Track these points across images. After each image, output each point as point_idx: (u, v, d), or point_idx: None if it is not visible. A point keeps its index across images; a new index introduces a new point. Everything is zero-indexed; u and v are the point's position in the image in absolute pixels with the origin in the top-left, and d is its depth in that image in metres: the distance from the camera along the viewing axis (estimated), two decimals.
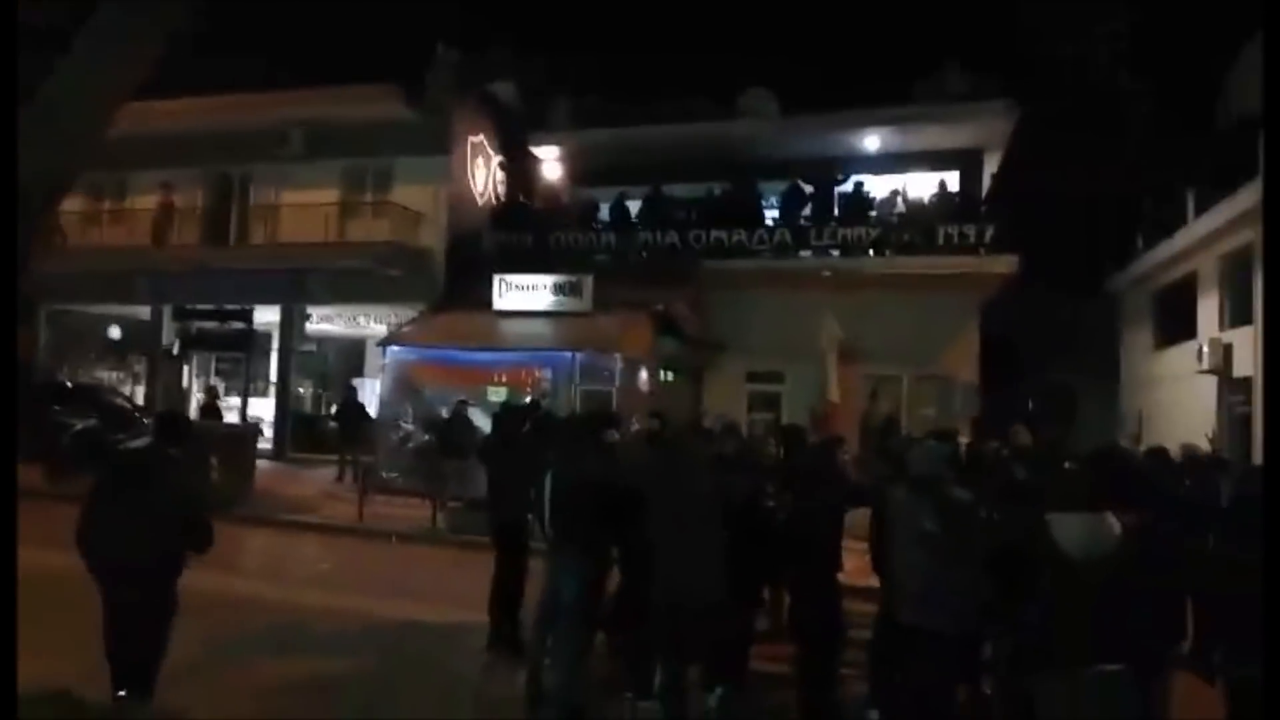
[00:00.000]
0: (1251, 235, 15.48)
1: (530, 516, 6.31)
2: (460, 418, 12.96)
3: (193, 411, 18.30)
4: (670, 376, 16.44)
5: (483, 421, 12.37)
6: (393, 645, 6.99)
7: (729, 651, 5.35)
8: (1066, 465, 6.07)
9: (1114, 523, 3.65)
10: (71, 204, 19.75)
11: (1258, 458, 12.94)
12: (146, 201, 20.13)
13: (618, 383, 14.04)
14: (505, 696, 5.86)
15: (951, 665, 4.68)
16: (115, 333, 22.15)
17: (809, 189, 17.21)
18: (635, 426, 13.61)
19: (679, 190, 18.15)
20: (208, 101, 18.78)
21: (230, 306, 19.19)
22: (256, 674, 6.13)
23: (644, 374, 15.02)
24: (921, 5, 25.78)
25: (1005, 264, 15.35)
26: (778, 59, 24.20)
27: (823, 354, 14.96)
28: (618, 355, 14.16)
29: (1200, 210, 17.50)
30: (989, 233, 15.55)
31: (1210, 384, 16.59)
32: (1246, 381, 15.34)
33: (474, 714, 5.85)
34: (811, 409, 14.96)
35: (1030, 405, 20.66)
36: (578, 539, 5.48)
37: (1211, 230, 16.88)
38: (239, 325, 18.99)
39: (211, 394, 17.04)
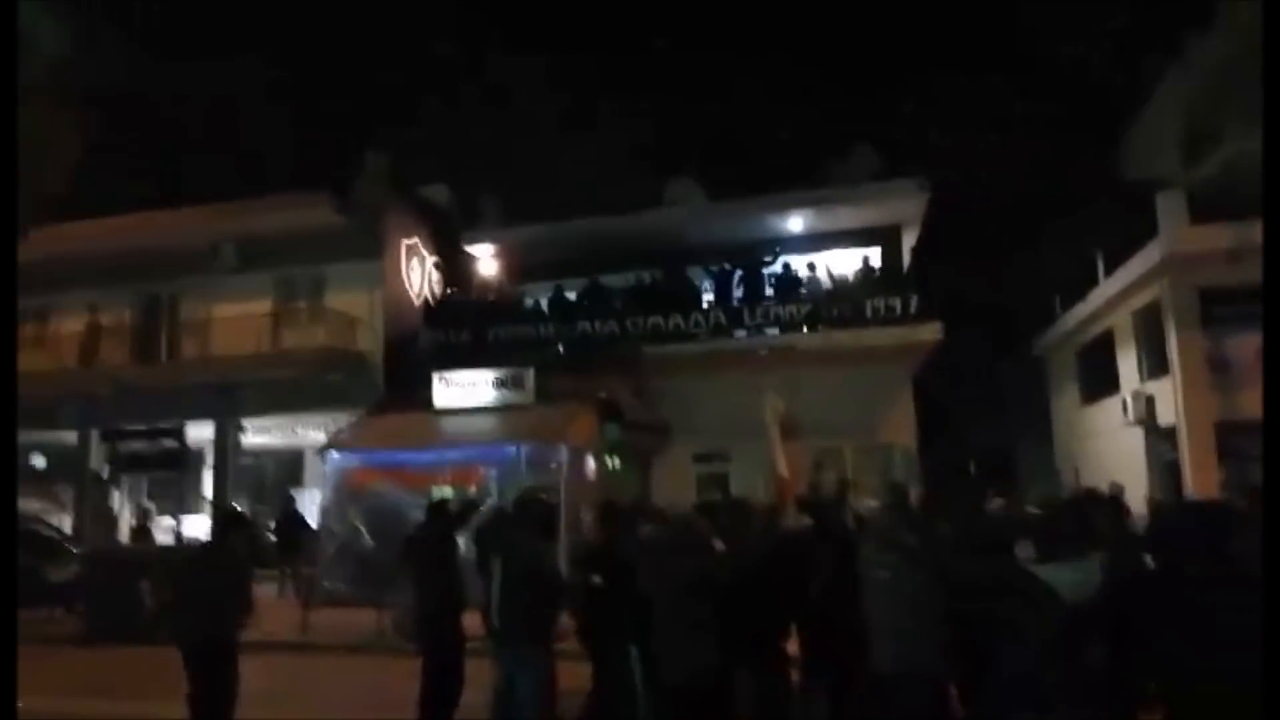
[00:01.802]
0: (1159, 291, 16.32)
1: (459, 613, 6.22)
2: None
3: (124, 536, 17.62)
4: (617, 463, 16.40)
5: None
6: None
7: None
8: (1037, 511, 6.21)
9: (1098, 568, 3.76)
10: None
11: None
12: (71, 324, 19.72)
13: (565, 473, 13.94)
14: None
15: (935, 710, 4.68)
16: (40, 461, 21.34)
17: (739, 271, 17.68)
18: (586, 517, 13.59)
19: (613, 280, 18.47)
20: (134, 220, 18.77)
21: (162, 425, 18.68)
22: None
23: (590, 463, 14.97)
24: (829, 87, 27.15)
25: (931, 332, 15.87)
26: (700, 146, 25.08)
27: (767, 428, 15.08)
28: (563, 446, 14.10)
29: (1110, 270, 18.41)
30: (914, 303, 16.09)
31: (1137, 436, 17.18)
32: (1171, 431, 15.93)
33: None
34: (764, 485, 15.01)
35: (971, 468, 21.05)
36: (537, 632, 5.39)
37: (1122, 288, 17.75)
38: (171, 444, 18.43)
39: (142, 516, 16.41)
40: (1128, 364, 18.22)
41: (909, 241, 18.90)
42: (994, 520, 6.28)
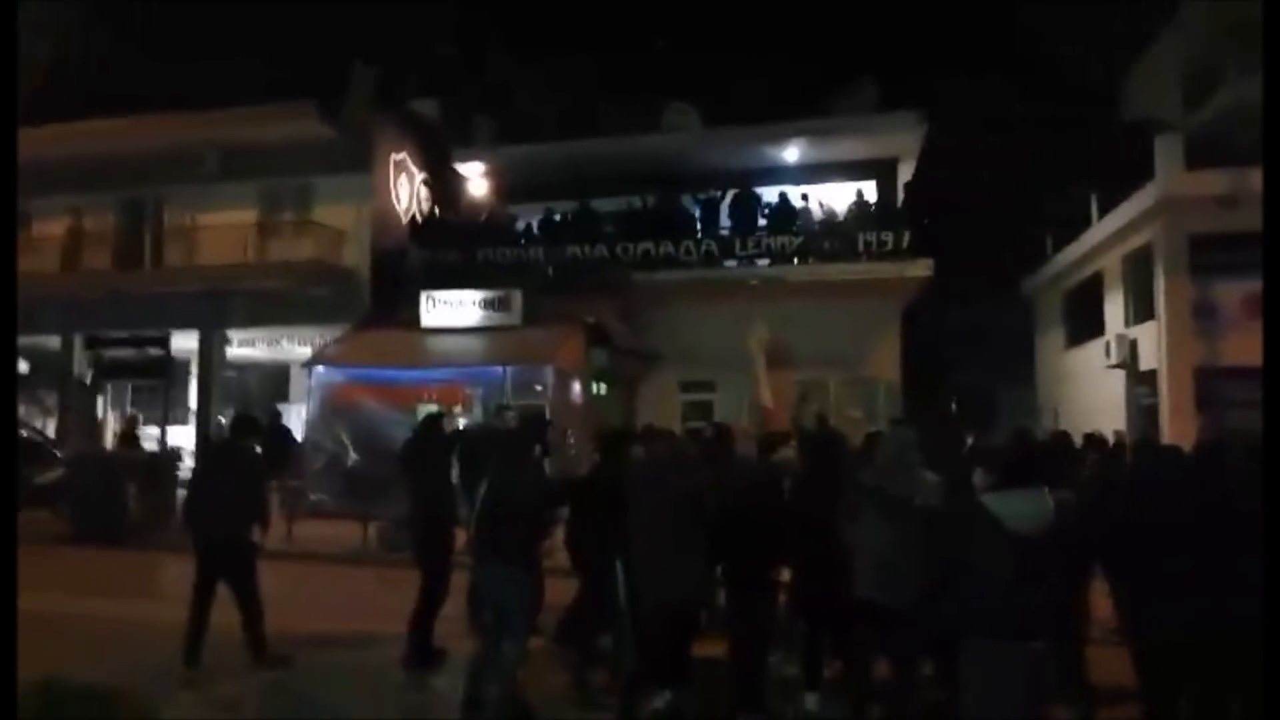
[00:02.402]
0: (1151, 235, 16.30)
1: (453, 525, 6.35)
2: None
3: (109, 442, 17.68)
4: (603, 388, 16.49)
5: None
6: (315, 660, 6.87)
7: (681, 651, 5.40)
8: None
9: (1048, 498, 3.82)
10: None
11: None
12: (54, 228, 19.39)
13: (550, 396, 14.02)
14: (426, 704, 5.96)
15: (908, 637, 4.88)
16: (23, 367, 21.21)
17: (731, 200, 17.53)
18: (571, 439, 13.72)
19: (605, 204, 18.27)
20: (118, 123, 18.31)
21: (146, 333, 18.54)
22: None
23: (576, 387, 15.04)
24: (835, 19, 26.55)
25: (922, 268, 15.84)
26: (700, 73, 24.56)
27: (752, 358, 15.18)
28: (549, 368, 14.15)
29: (1103, 212, 18.36)
30: (906, 239, 16.02)
31: (1119, 378, 17.37)
32: (1152, 374, 16.11)
33: None
34: (747, 414, 15.16)
35: (953, 405, 21.28)
36: (526, 546, 5.46)
37: (1114, 231, 17.72)
38: (155, 352, 18.32)
39: (130, 423, 16.43)
40: (1114, 308, 18.31)
41: (904, 176, 18.73)
42: (965, 457, 6.37)
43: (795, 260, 16.55)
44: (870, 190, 17.75)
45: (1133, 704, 4.49)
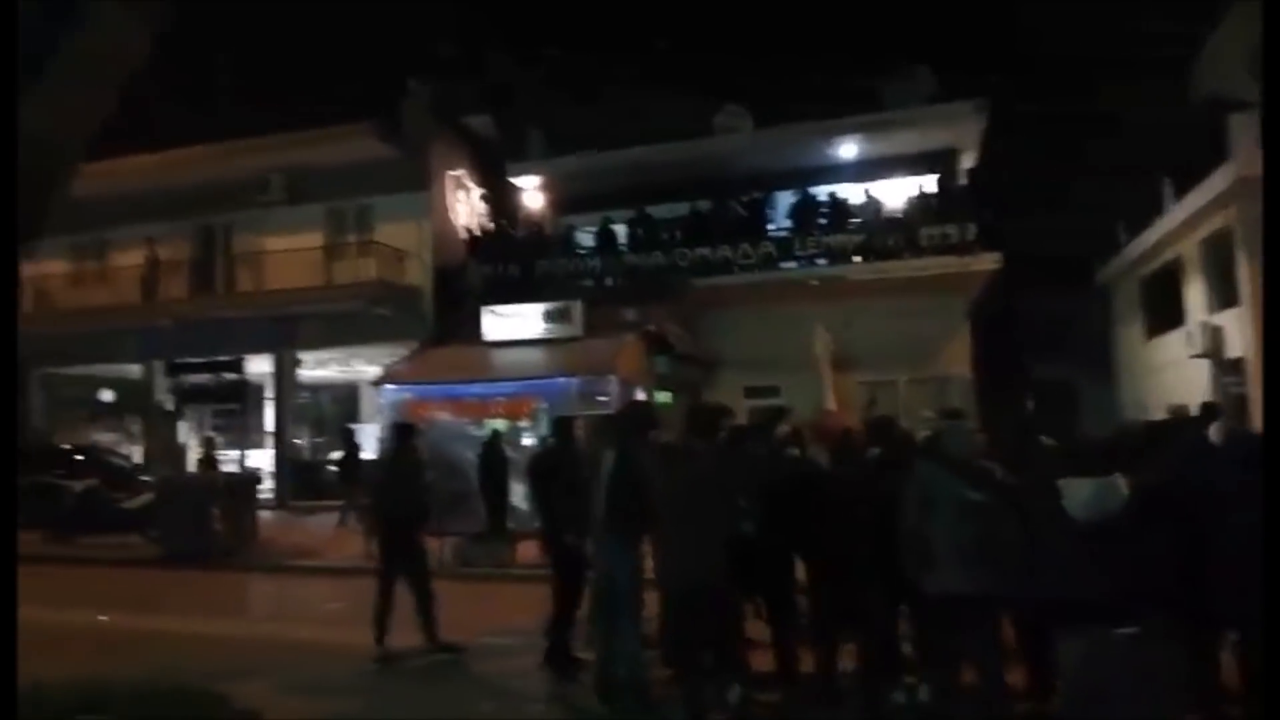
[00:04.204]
0: (1230, 216, 15.67)
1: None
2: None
3: (190, 465, 18.24)
4: (667, 396, 16.46)
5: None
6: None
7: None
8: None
9: (1121, 484, 3.73)
10: (56, 266, 19.77)
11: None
12: (131, 258, 20.14)
13: (615, 406, 14.03)
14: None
15: (991, 628, 4.83)
16: (108, 395, 22.09)
17: (789, 201, 17.35)
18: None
19: (661, 210, 18.24)
20: (186, 153, 18.95)
21: (222, 358, 19.15)
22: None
23: (640, 395, 15.03)
24: (886, 8, 26.12)
25: (990, 262, 15.46)
26: (750, 73, 24.42)
27: (817, 363, 15.03)
28: (613, 378, 14.18)
29: (1178, 196, 17.71)
30: (971, 232, 15.66)
31: (1203, 368, 16.71)
32: (1238, 363, 15.46)
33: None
34: (811, 419, 14.98)
35: (1029, 402, 20.71)
36: (636, 525, 5.64)
37: (1190, 215, 17.08)
38: (232, 376, 18.96)
39: (209, 446, 16.95)
40: (1195, 295, 17.63)
41: (966, 167, 18.30)
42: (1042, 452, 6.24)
43: (856, 258, 16.30)
44: (931, 184, 17.41)
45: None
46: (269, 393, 19.70)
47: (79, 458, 16.60)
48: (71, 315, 19.46)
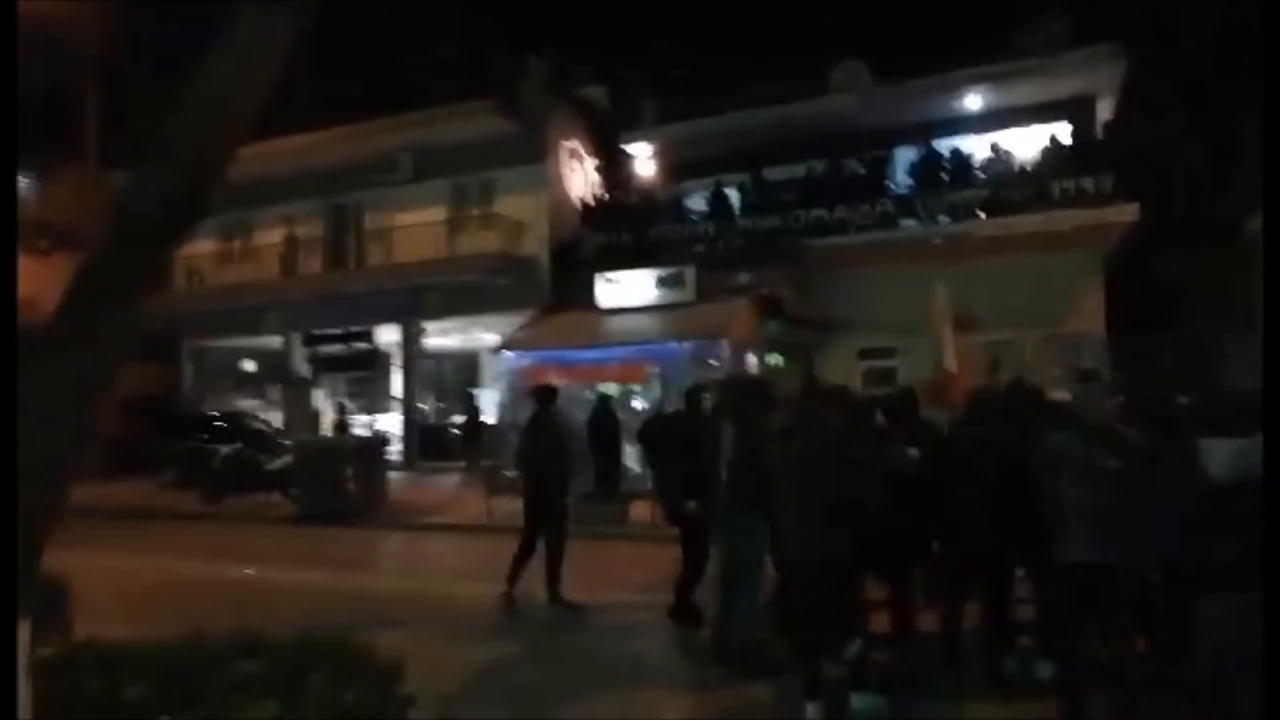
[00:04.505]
0: None
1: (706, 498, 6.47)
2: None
3: (325, 430, 19.30)
4: (781, 360, 16.29)
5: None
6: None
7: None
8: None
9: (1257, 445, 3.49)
10: (204, 246, 21.17)
11: None
12: (270, 237, 21.38)
13: (728, 369, 14.00)
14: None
15: (1125, 597, 4.67)
16: (250, 366, 23.61)
17: (910, 157, 16.75)
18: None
19: (776, 173, 17.94)
20: (319, 136, 19.84)
21: (353, 329, 20.16)
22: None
23: (753, 359, 14.93)
24: None
25: (1127, 214, 14.53)
26: (866, 25, 23.57)
27: (936, 323, 14.49)
28: (725, 342, 14.14)
29: None
30: (1107, 183, 14.74)
31: None
32: None
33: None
34: (929, 380, 14.53)
35: (1168, 359, 19.44)
36: (757, 498, 5.66)
37: None
38: (363, 346, 19.92)
39: (342, 412, 17.94)
40: None
41: (1103, 115, 17.19)
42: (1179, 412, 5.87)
43: (982, 214, 15.61)
44: (1064, 133, 16.45)
45: None
46: (396, 360, 20.60)
47: (225, 424, 17.83)
48: (218, 292, 20.85)
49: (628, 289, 16.35)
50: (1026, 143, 16.43)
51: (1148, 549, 4.60)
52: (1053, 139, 16.04)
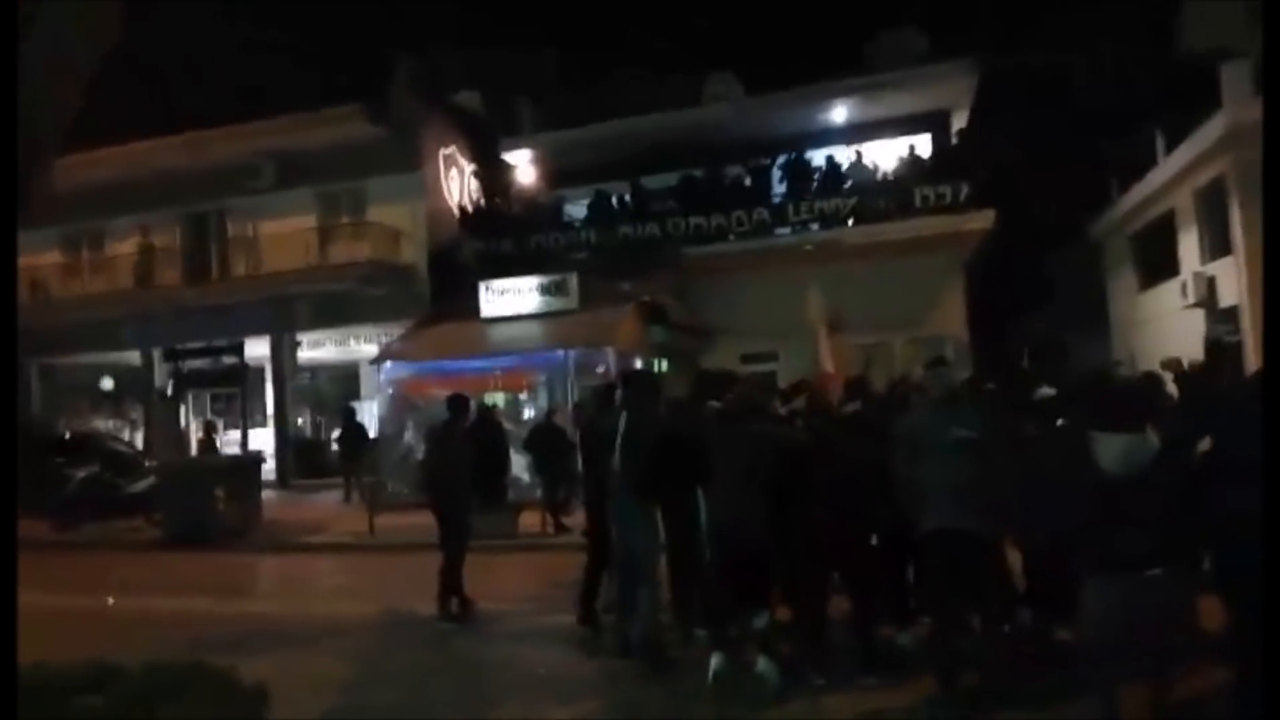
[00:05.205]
0: (1223, 166, 15.63)
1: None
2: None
3: (192, 449, 18.33)
4: (664, 365, 16.50)
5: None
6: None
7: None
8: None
9: (1153, 439, 3.78)
10: (50, 257, 19.76)
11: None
12: (125, 247, 20.13)
13: (612, 377, 14.06)
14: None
15: (985, 564, 4.93)
16: (107, 384, 22.15)
17: (781, 167, 17.30)
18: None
19: (654, 181, 18.19)
20: (176, 140, 18.84)
21: (219, 342, 19.14)
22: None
23: (638, 365, 15.06)
24: None
25: (983, 220, 15.45)
26: (738, 40, 24.21)
27: (813, 327, 15.01)
28: (609, 349, 14.22)
29: (1170, 147, 17.64)
30: (964, 191, 15.63)
31: (1197, 318, 16.74)
32: (1232, 311, 15.49)
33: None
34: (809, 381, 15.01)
35: (1024, 358, 20.75)
36: (651, 491, 5.72)
37: (1183, 166, 17.03)
38: (231, 360, 18.92)
39: (209, 429, 17.05)
40: (1188, 246, 17.61)
41: (958, 126, 18.22)
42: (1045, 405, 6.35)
43: (850, 222, 16.28)
44: (924, 145, 17.35)
45: None
46: (268, 374, 19.75)
47: (79, 446, 16.62)
48: (67, 305, 19.48)
49: (510, 297, 16.21)
50: (890, 154, 17.24)
51: (1009, 520, 4.95)
52: (911, 150, 16.90)
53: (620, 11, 29.19)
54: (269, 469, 17.08)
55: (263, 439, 19.43)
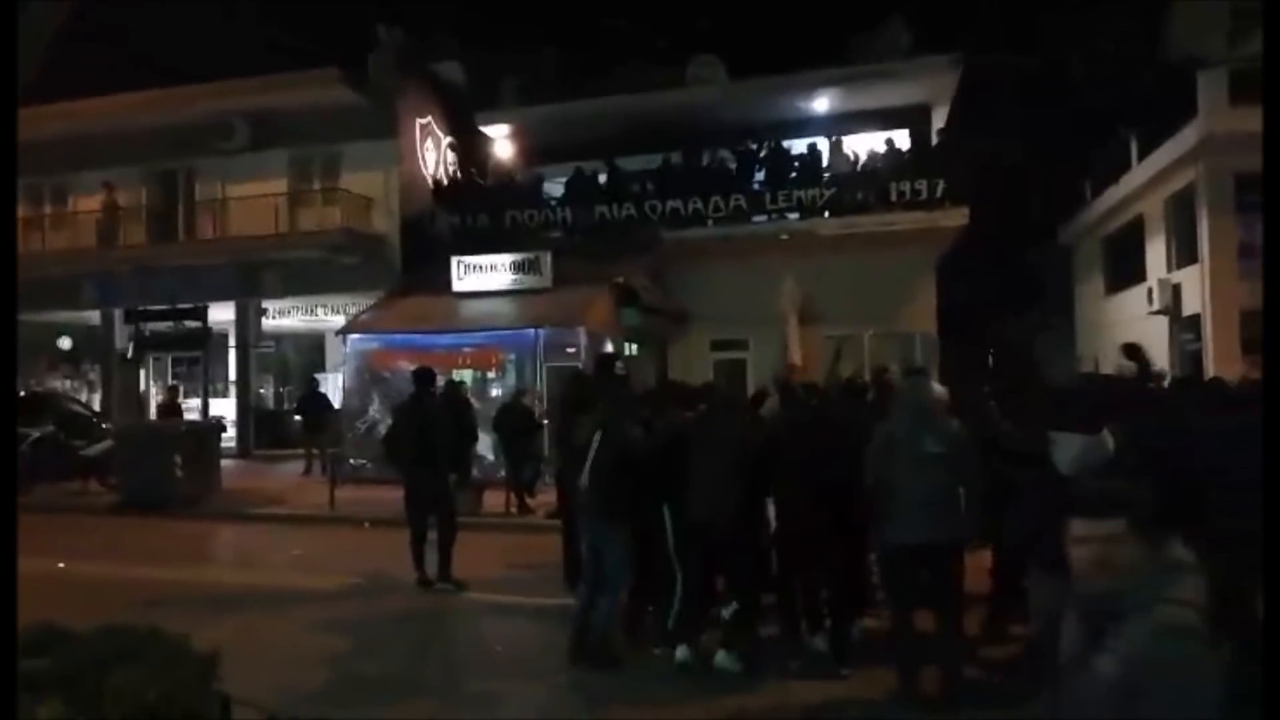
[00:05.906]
0: (1194, 175, 15.84)
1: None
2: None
3: (152, 413, 18.03)
4: (635, 349, 16.47)
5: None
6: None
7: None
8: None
9: (1109, 439, 3.82)
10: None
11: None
12: (89, 203, 19.64)
13: (583, 358, 14.02)
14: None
15: (951, 571, 5.02)
16: (66, 343, 21.67)
17: (761, 154, 17.25)
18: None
19: (633, 162, 18.06)
20: (147, 96, 18.37)
21: (183, 305, 18.78)
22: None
23: (608, 347, 15.01)
24: None
25: (957, 217, 15.53)
26: (725, 24, 24.06)
27: (784, 317, 15.04)
28: (581, 330, 14.14)
29: (1144, 154, 17.85)
30: (940, 188, 15.69)
31: (1161, 324, 17.01)
32: (1195, 319, 15.75)
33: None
34: (775, 372, 15.05)
35: (990, 356, 21.00)
36: (623, 505, 5.71)
37: (1155, 173, 17.24)
38: (194, 324, 18.60)
39: (172, 394, 16.73)
40: (1156, 252, 17.88)
41: (938, 123, 18.29)
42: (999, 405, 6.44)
43: (826, 213, 16.29)
44: (903, 139, 17.38)
45: None
46: (231, 341, 19.43)
47: (34, 405, 16.27)
48: (27, 260, 18.95)
49: (482, 273, 16.04)
50: (869, 146, 17.24)
51: (975, 531, 5.09)
52: (889, 143, 16.92)
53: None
54: (229, 438, 16.82)
55: (224, 407, 19.16)
